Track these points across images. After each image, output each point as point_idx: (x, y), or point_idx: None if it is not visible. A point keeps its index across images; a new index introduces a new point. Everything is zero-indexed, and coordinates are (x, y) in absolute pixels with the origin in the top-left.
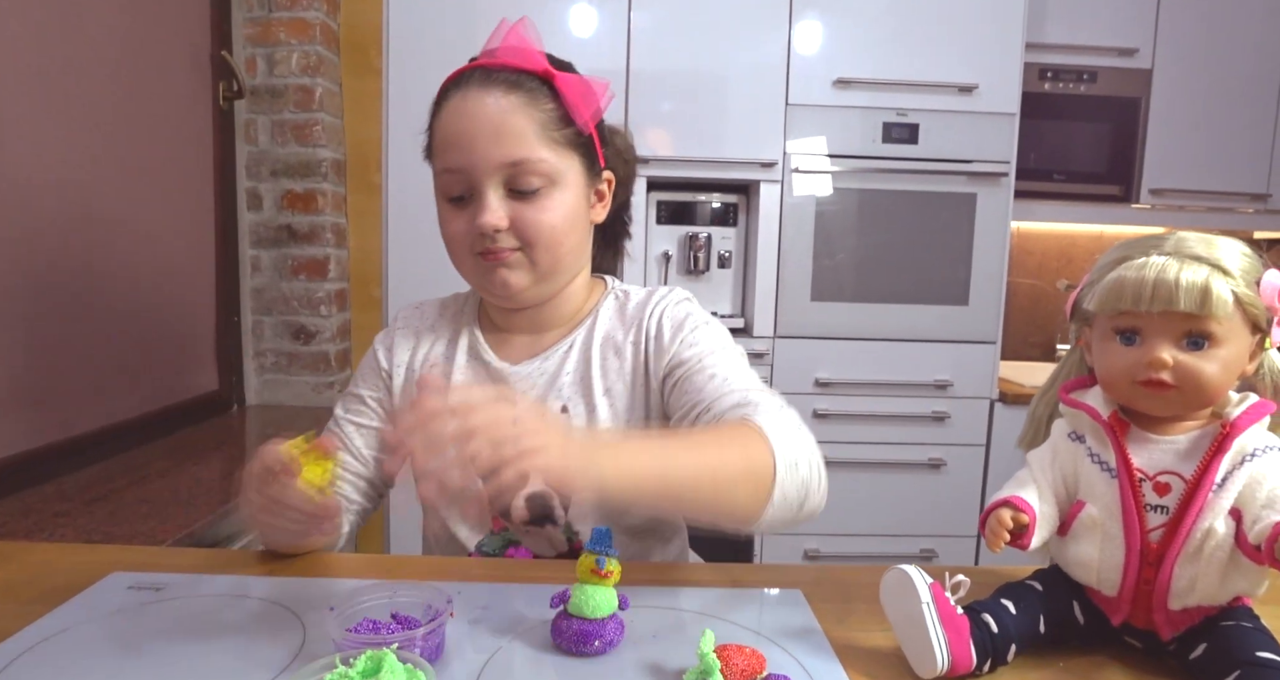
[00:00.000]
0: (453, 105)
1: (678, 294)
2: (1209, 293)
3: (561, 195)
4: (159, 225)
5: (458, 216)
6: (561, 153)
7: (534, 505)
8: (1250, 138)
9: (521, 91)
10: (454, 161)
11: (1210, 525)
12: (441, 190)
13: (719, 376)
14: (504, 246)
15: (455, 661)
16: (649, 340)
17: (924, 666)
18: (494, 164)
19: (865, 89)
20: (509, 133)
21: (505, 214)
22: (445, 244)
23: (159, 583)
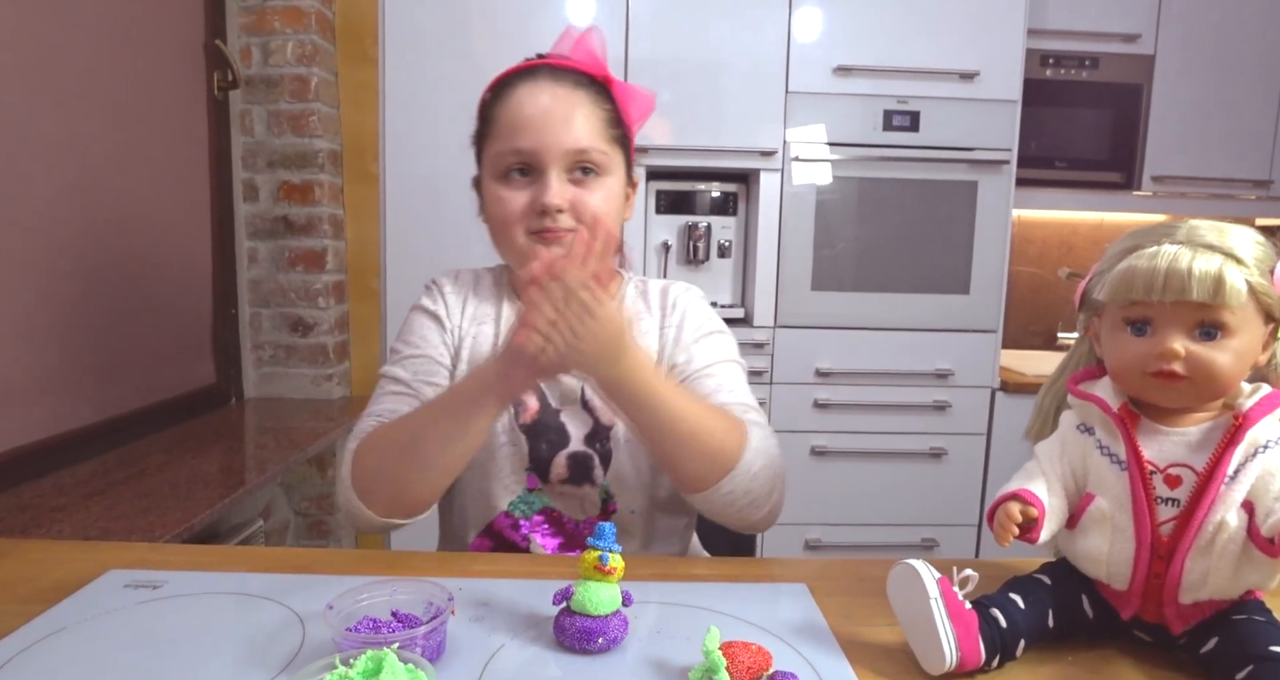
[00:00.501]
0: (523, 93)
1: (698, 291)
2: (1222, 282)
3: (612, 183)
4: (154, 217)
5: (515, 195)
6: (612, 149)
7: (574, 464)
8: (1252, 124)
9: (588, 91)
10: (524, 142)
11: (1222, 518)
12: (498, 171)
13: (724, 387)
14: (562, 226)
15: (456, 660)
16: (671, 329)
17: (932, 662)
18: (563, 148)
19: (866, 76)
20: (577, 122)
21: (567, 197)
22: (494, 222)
23: (156, 580)
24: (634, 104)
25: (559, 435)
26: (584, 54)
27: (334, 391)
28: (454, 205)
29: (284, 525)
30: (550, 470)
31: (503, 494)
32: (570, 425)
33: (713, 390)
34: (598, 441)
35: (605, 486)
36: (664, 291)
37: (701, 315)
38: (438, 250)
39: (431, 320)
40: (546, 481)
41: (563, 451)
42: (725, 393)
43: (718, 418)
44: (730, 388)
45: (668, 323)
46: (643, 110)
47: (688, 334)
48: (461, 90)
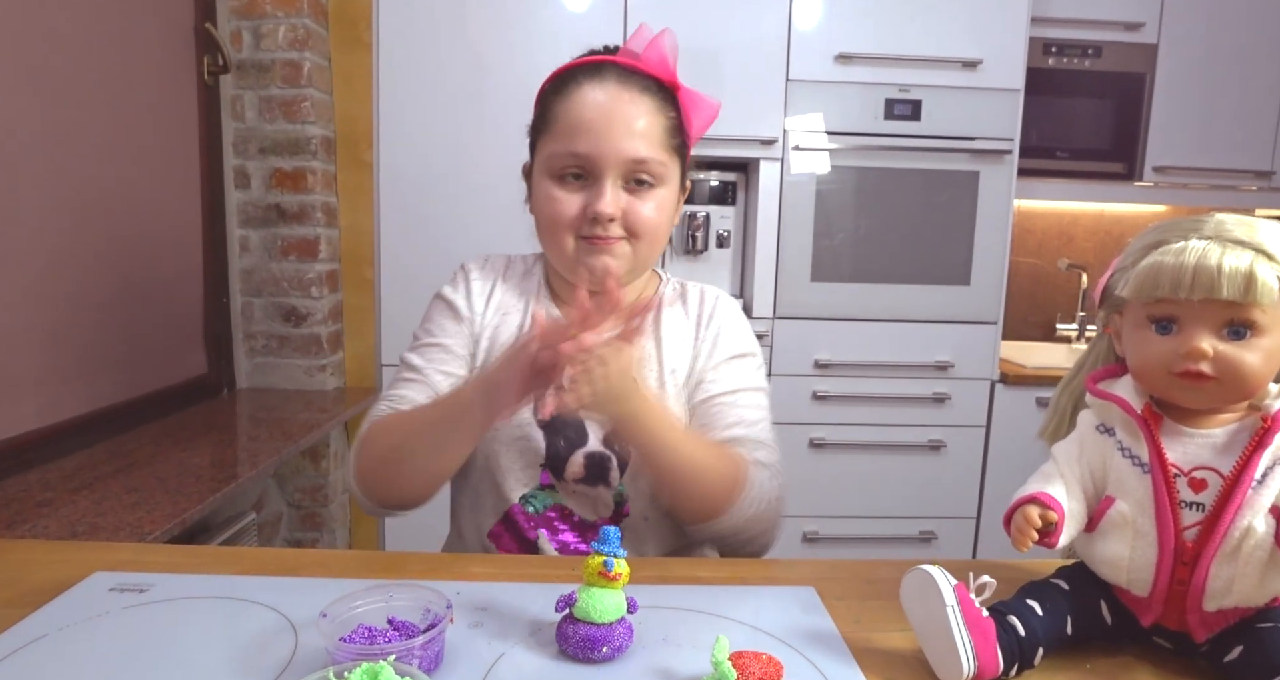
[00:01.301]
0: (588, 93)
1: (735, 304)
2: (1253, 279)
3: (665, 195)
4: (143, 204)
5: (569, 198)
6: (671, 159)
7: (591, 464)
8: (1255, 114)
9: (654, 97)
10: (582, 146)
11: (1249, 523)
12: (553, 170)
13: (745, 420)
14: (612, 235)
15: (455, 670)
16: (706, 343)
17: (948, 672)
18: (622, 157)
19: (867, 64)
20: (640, 132)
21: (620, 206)
22: (542, 221)
23: (144, 583)
24: (698, 113)
25: (578, 433)
26: (655, 56)
27: (328, 382)
28: (450, 193)
29: (277, 517)
30: (566, 468)
31: (515, 487)
32: (590, 424)
33: (734, 421)
34: (617, 443)
35: (621, 490)
36: (702, 297)
37: (737, 333)
38: (433, 239)
39: (449, 309)
40: (561, 479)
41: (580, 450)
42: (743, 427)
43: (720, 461)
44: (751, 421)
45: (703, 335)
46: (706, 120)
47: (720, 353)
48: (458, 76)
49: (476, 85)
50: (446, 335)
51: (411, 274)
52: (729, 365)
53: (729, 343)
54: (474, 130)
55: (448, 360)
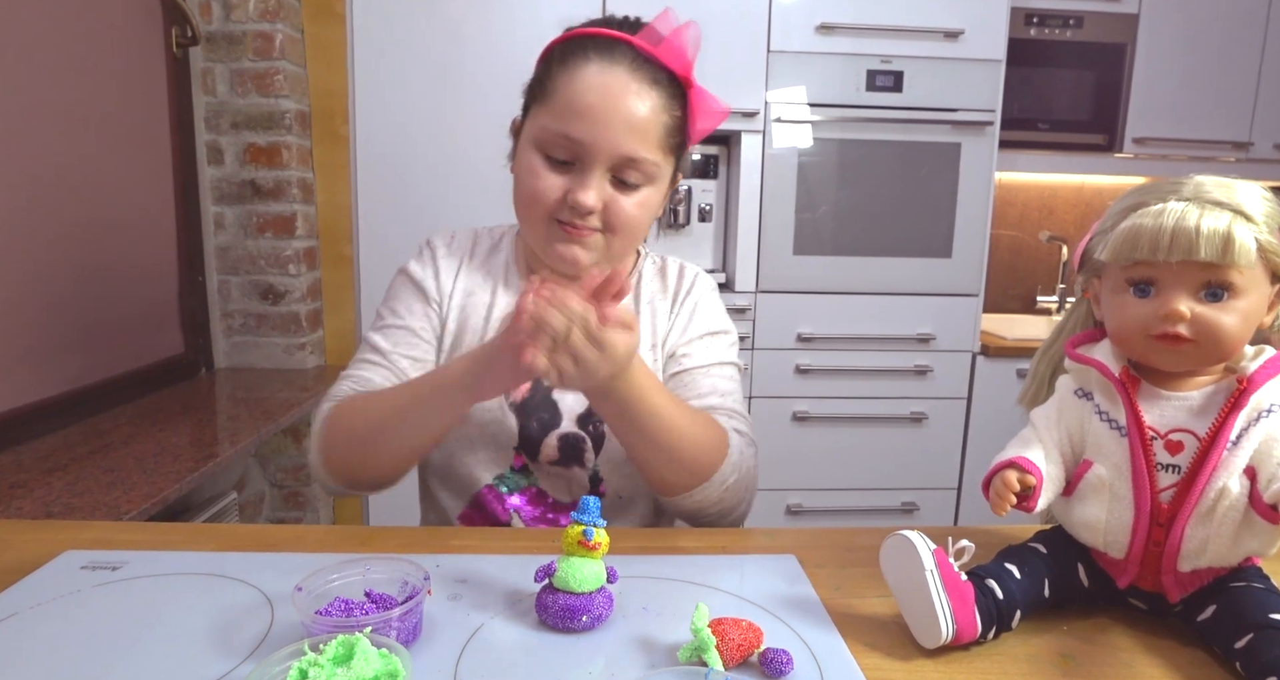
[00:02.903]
0: (594, 74)
1: (712, 282)
2: (1231, 240)
3: (652, 193)
4: (111, 181)
5: (552, 178)
6: (665, 159)
7: (565, 445)
8: (1233, 86)
9: (662, 92)
10: (576, 132)
11: (1224, 485)
12: (542, 144)
13: (718, 390)
14: (588, 226)
15: (434, 642)
16: (678, 316)
17: (927, 636)
18: (615, 152)
19: (849, 34)
20: (639, 129)
21: (602, 198)
22: (521, 194)
23: (116, 561)
24: (705, 116)
25: (551, 414)
26: (675, 47)
27: (307, 360)
28: (428, 168)
29: (259, 497)
30: (540, 450)
31: (487, 470)
32: (563, 405)
33: (706, 391)
34: (591, 423)
35: (596, 469)
36: (681, 273)
37: (712, 310)
38: (412, 215)
39: (415, 288)
40: (535, 461)
41: (554, 431)
42: (716, 396)
43: (704, 428)
44: (723, 391)
45: (678, 310)
46: (711, 124)
47: (695, 328)
48: (435, 48)
49: (454, 57)
50: (414, 316)
51: (390, 250)
52: (703, 341)
53: (704, 319)
54: (452, 103)
55: (415, 344)
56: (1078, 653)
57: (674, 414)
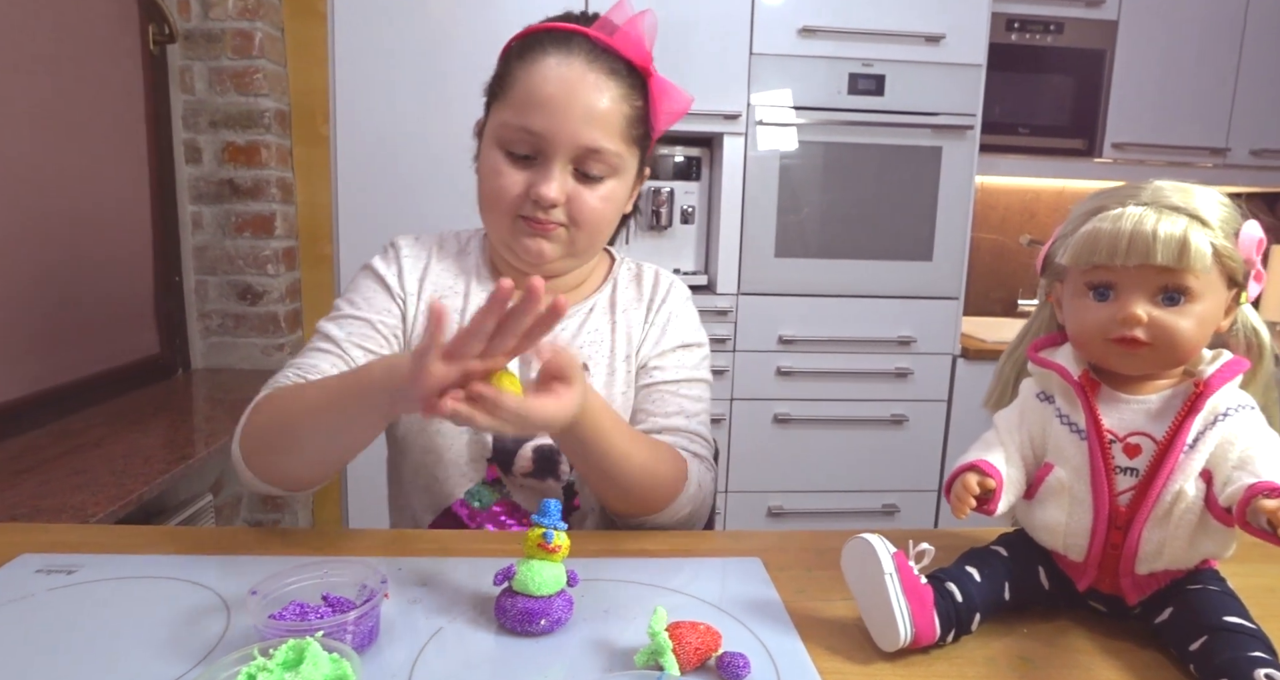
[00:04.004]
0: (553, 66)
1: (687, 291)
2: (1187, 245)
3: (617, 186)
4: (85, 179)
5: (514, 174)
6: (629, 150)
7: (540, 458)
8: (1211, 92)
9: (622, 82)
10: (537, 125)
11: (1181, 487)
12: (502, 141)
13: (685, 411)
14: (552, 220)
15: (391, 645)
16: (652, 327)
17: (887, 639)
18: (575, 143)
19: (831, 38)
20: (599, 119)
21: (565, 190)
22: (485, 192)
23: (72, 564)
24: (667, 105)
25: None
26: (630, 37)
27: (286, 362)
28: (409, 168)
29: (236, 499)
30: (514, 462)
31: (459, 482)
32: None
33: (673, 410)
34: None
35: (570, 481)
36: (656, 281)
37: (686, 321)
38: (392, 215)
39: (377, 282)
40: (509, 473)
41: (529, 443)
42: (683, 417)
43: (662, 463)
44: (689, 412)
45: (653, 319)
46: (675, 113)
47: (668, 340)
48: (416, 48)
49: (436, 56)
50: (373, 310)
51: (371, 251)
52: (675, 354)
53: (678, 331)
54: (434, 103)
55: (370, 336)
56: (1036, 655)
57: (630, 451)
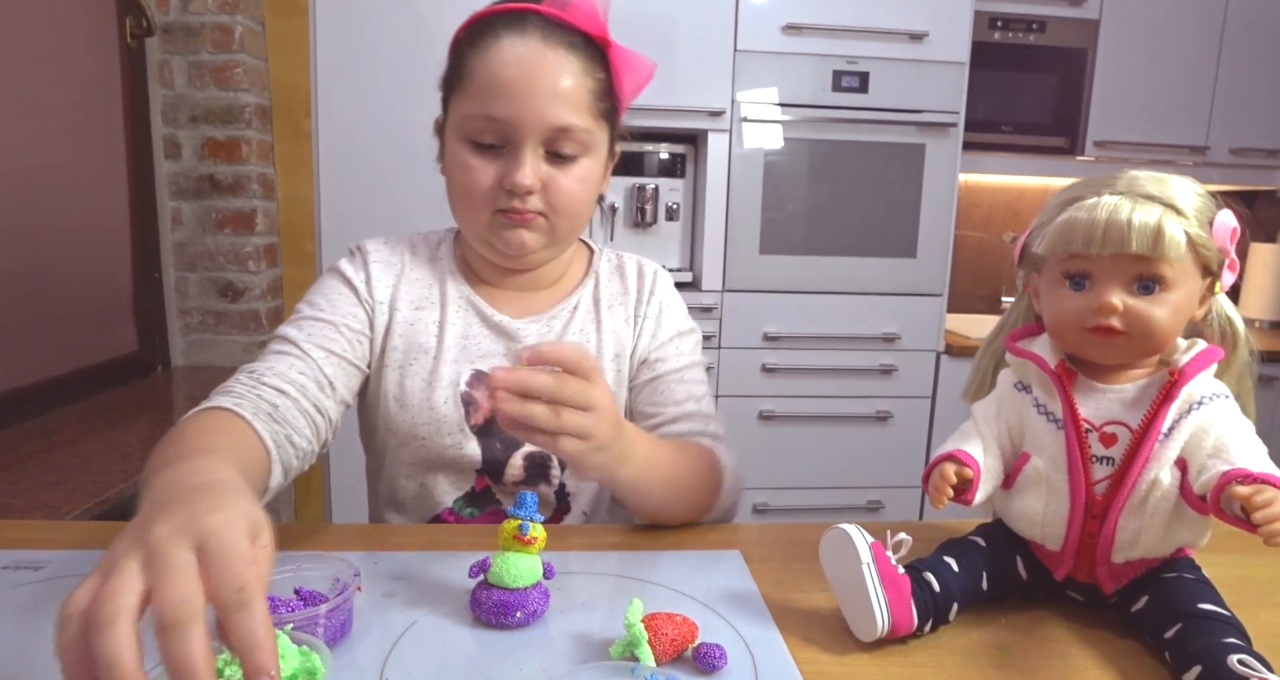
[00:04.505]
0: (507, 48)
1: (668, 278)
2: (1162, 233)
3: (591, 165)
4: (61, 173)
5: (484, 166)
6: (598, 125)
7: (531, 465)
8: (1191, 91)
9: (581, 55)
10: (500, 111)
11: (1156, 476)
12: (467, 134)
13: (693, 396)
14: (530, 208)
15: (364, 639)
16: (645, 321)
17: (864, 629)
18: (543, 124)
19: (815, 35)
20: (564, 96)
21: (539, 176)
22: (456, 190)
23: (40, 561)
24: (630, 74)
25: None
26: (584, 8)
27: None
28: (392, 164)
29: None
30: (505, 472)
31: (447, 493)
32: None
33: (682, 397)
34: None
35: (562, 484)
36: (640, 273)
37: (677, 309)
38: (375, 211)
39: (346, 287)
40: (499, 482)
41: (518, 452)
42: (692, 402)
43: (700, 469)
44: (698, 396)
45: (645, 312)
46: (639, 82)
47: (665, 331)
48: (399, 43)
49: (419, 51)
50: (338, 313)
51: None
52: (674, 344)
53: (672, 320)
54: (418, 98)
55: (333, 339)
56: (1013, 645)
57: (676, 472)
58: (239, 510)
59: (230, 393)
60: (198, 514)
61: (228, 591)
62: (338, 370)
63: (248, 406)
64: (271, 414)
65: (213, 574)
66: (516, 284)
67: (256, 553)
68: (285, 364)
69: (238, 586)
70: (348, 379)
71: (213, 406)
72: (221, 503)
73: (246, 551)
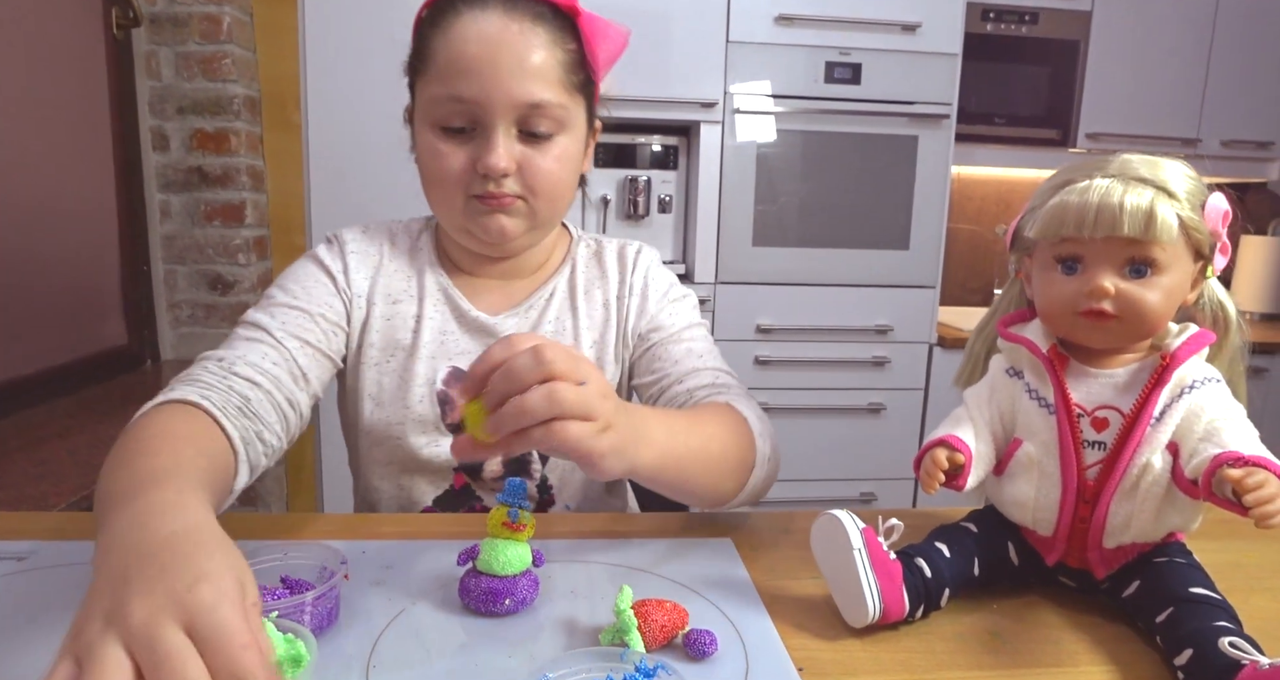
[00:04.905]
0: (469, 24)
1: (653, 253)
2: (1154, 216)
3: (568, 142)
4: (47, 166)
5: (455, 151)
6: (573, 100)
7: (510, 460)
8: (1182, 83)
9: (548, 26)
10: (467, 91)
11: (1147, 460)
12: (435, 118)
13: (695, 352)
14: (507, 192)
15: (352, 627)
16: (631, 297)
17: (855, 615)
18: (513, 102)
19: (808, 26)
20: (533, 70)
21: (514, 157)
22: (429, 178)
23: (22, 551)
24: (603, 42)
25: None
26: None
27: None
28: (383, 156)
29: None
30: (484, 468)
31: (426, 492)
32: None
33: (683, 355)
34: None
35: (544, 478)
36: (620, 253)
37: (664, 278)
38: (366, 203)
39: (324, 275)
40: (478, 479)
41: None
42: (697, 358)
43: (724, 427)
44: (701, 352)
45: (628, 289)
46: (614, 51)
47: (653, 300)
48: (388, 33)
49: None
50: (313, 302)
51: None
52: (665, 311)
53: (659, 288)
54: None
55: (308, 329)
56: (1005, 630)
57: (704, 442)
58: (225, 573)
59: (196, 382)
60: (181, 588)
61: None
62: (312, 362)
63: (216, 399)
64: (242, 408)
65: (209, 661)
66: (499, 272)
67: (250, 624)
68: (258, 353)
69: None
70: (321, 371)
71: (176, 400)
72: (205, 568)
73: (242, 632)
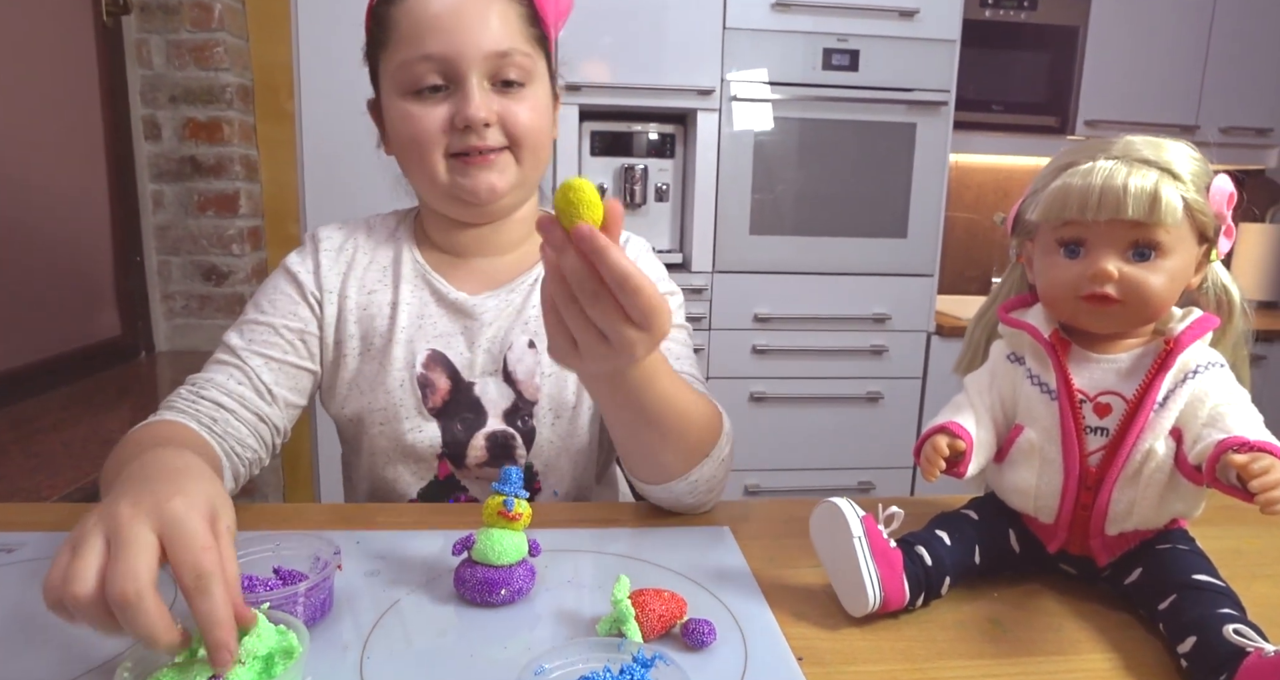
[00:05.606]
0: None
1: (643, 242)
2: (1158, 198)
3: (540, 94)
4: (37, 156)
5: (430, 111)
6: (535, 51)
7: (493, 445)
8: (1181, 70)
9: None
10: (436, 47)
11: (1150, 446)
12: (405, 84)
13: (671, 354)
14: (491, 144)
15: (345, 618)
16: None
17: (855, 604)
18: (483, 51)
19: (805, 12)
20: (497, 20)
21: (492, 109)
22: (406, 146)
23: (11, 543)
24: (551, 1)
25: (475, 413)
26: None
27: None
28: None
29: None
30: (467, 453)
31: (411, 483)
32: (487, 400)
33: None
34: (519, 418)
35: (529, 464)
36: None
37: (653, 270)
38: (361, 193)
39: (289, 282)
40: (462, 467)
41: (480, 431)
42: (674, 359)
43: (700, 401)
44: (677, 355)
45: None
46: (562, 9)
47: None
48: None
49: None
50: (278, 313)
51: None
52: None
53: None
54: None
55: (272, 343)
56: (1006, 618)
57: (681, 392)
58: (201, 494)
59: (172, 407)
60: (161, 498)
61: (189, 577)
62: (278, 376)
63: (190, 420)
64: (211, 427)
65: (173, 559)
66: (477, 249)
67: (216, 536)
68: (224, 375)
69: (196, 573)
70: (292, 382)
71: (160, 420)
72: (185, 487)
73: (204, 537)
